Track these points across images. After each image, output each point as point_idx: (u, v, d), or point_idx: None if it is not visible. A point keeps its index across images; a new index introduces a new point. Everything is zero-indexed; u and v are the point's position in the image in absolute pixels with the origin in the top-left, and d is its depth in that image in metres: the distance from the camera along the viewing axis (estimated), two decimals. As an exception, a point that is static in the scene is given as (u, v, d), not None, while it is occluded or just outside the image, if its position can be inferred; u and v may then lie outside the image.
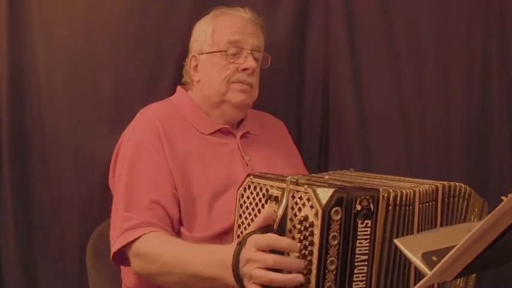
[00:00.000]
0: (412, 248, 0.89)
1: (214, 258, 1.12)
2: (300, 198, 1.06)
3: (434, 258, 0.84)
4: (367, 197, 1.06)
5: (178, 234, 1.35)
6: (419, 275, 1.14)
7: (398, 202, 1.12)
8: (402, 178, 1.29)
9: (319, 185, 1.05)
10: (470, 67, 1.75)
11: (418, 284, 0.83)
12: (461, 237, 0.76)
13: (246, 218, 1.20)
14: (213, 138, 1.47)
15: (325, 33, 1.79)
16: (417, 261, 0.86)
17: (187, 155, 1.40)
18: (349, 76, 1.77)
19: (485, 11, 1.74)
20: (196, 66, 1.53)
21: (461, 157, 1.75)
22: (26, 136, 1.68)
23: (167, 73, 1.69)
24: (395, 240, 0.94)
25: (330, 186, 1.06)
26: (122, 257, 1.32)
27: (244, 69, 1.46)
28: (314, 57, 1.80)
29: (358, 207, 1.05)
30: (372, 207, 1.07)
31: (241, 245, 1.06)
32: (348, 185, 1.13)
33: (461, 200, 1.27)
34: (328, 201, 1.02)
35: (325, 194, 1.03)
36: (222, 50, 1.47)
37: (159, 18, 1.70)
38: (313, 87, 1.81)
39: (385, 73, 1.77)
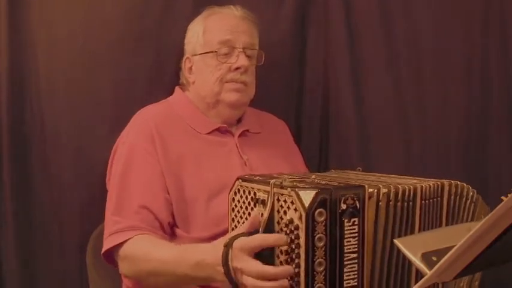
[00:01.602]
0: (412, 247, 0.89)
1: (203, 259, 1.13)
2: (285, 201, 1.06)
3: (434, 258, 0.84)
4: (352, 195, 1.06)
5: (172, 236, 1.35)
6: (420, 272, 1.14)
7: (392, 198, 1.11)
8: (409, 177, 1.27)
9: (302, 188, 1.05)
10: (469, 67, 1.75)
11: (418, 284, 0.83)
12: (461, 237, 0.76)
13: (238, 222, 1.20)
14: (211, 138, 1.47)
15: (325, 33, 1.79)
16: (417, 261, 0.86)
17: (181, 158, 1.39)
18: (349, 76, 1.77)
19: (485, 11, 1.74)
20: (190, 68, 1.53)
21: (461, 157, 1.75)
22: (26, 136, 1.67)
23: (167, 73, 1.68)
24: (395, 240, 0.94)
25: (313, 187, 1.05)
26: (112, 258, 1.33)
27: (237, 68, 1.46)
28: (314, 57, 1.80)
29: (343, 206, 1.05)
30: (357, 205, 1.07)
31: (228, 247, 1.07)
32: (334, 183, 1.11)
33: (468, 201, 1.26)
34: (311, 204, 1.02)
35: (307, 196, 1.02)
36: (213, 51, 1.47)
37: (159, 18, 1.70)
38: (313, 87, 1.81)
39: (385, 73, 1.76)
